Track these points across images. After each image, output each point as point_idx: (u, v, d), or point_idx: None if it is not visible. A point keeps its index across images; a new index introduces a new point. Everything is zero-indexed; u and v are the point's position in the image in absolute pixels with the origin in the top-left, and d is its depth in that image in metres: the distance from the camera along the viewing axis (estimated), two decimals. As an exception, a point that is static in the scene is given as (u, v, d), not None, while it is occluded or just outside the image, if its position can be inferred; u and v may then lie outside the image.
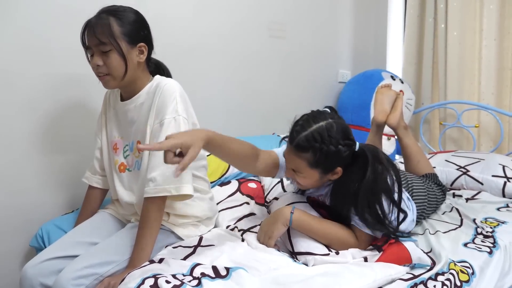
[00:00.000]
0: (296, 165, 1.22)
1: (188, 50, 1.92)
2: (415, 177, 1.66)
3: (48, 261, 1.16)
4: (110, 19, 1.17)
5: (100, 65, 1.17)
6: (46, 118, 1.51)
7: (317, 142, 1.17)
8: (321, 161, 1.18)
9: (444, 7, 2.59)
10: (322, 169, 1.21)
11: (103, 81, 1.21)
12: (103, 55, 1.17)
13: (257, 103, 2.26)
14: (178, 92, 1.21)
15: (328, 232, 1.22)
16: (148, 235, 1.15)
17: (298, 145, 1.18)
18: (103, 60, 1.17)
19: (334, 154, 1.18)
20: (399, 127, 1.80)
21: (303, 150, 1.18)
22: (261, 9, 2.23)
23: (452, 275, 1.13)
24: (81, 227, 1.31)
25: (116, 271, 1.13)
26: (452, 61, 2.55)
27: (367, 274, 1.05)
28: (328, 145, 1.17)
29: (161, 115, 1.19)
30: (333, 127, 1.19)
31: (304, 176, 1.23)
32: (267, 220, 1.27)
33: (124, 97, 1.30)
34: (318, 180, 1.25)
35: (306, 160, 1.19)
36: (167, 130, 1.16)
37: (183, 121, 1.19)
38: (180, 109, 1.19)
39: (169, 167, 1.15)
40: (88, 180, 1.41)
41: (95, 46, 1.17)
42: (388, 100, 1.83)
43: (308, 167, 1.20)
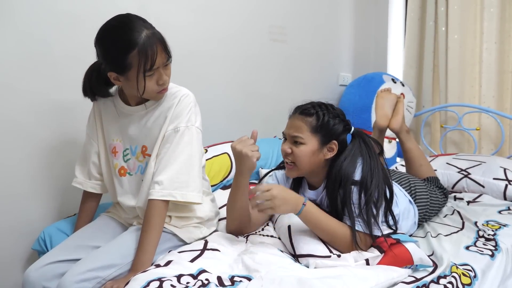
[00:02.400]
0: (298, 128, 1.29)
1: (189, 54, 1.92)
2: (417, 180, 1.67)
3: (51, 265, 1.16)
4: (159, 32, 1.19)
5: (167, 79, 1.20)
6: (48, 122, 1.52)
7: (321, 109, 1.30)
8: (323, 127, 1.28)
9: (444, 10, 2.59)
10: (321, 136, 1.29)
11: (164, 93, 1.24)
12: (165, 68, 1.19)
13: (258, 106, 2.26)
14: (194, 103, 1.27)
15: (333, 227, 1.22)
16: (151, 237, 1.15)
17: (303, 110, 1.31)
18: (167, 74, 1.20)
19: (333, 124, 1.30)
20: (401, 131, 1.80)
21: (308, 114, 1.30)
22: (262, 13, 2.24)
23: (454, 278, 1.13)
24: (84, 231, 1.31)
25: (118, 275, 1.13)
26: (452, 64, 2.55)
27: (369, 277, 1.05)
28: (330, 113, 1.30)
29: (176, 122, 1.23)
30: (332, 105, 1.36)
31: (304, 142, 1.28)
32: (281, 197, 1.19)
33: (131, 102, 1.29)
34: (316, 151, 1.29)
35: (309, 124, 1.28)
36: (181, 138, 1.21)
37: (196, 131, 1.24)
38: (193, 119, 1.25)
39: (177, 173, 1.19)
40: (83, 185, 1.38)
41: (163, 64, 1.17)
42: (389, 104, 1.84)
43: (310, 132, 1.28)
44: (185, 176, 1.19)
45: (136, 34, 1.10)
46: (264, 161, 1.82)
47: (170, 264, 1.11)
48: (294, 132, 1.30)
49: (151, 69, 1.13)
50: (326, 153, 1.31)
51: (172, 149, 1.21)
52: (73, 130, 1.57)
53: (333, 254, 1.19)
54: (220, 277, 1.07)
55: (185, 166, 1.20)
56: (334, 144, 1.31)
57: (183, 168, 1.19)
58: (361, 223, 1.21)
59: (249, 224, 1.37)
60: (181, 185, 1.18)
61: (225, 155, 1.70)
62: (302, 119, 1.30)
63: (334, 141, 1.30)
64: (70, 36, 1.53)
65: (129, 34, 1.10)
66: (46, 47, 1.49)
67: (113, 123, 1.33)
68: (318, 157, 1.30)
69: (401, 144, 1.84)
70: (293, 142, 1.31)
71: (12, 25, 1.41)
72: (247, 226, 1.37)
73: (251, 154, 1.23)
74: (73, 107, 1.57)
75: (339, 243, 1.22)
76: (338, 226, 1.23)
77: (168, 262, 1.12)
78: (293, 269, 1.13)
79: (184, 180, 1.19)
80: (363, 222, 1.21)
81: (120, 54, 1.11)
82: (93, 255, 1.16)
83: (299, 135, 1.29)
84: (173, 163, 1.19)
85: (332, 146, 1.31)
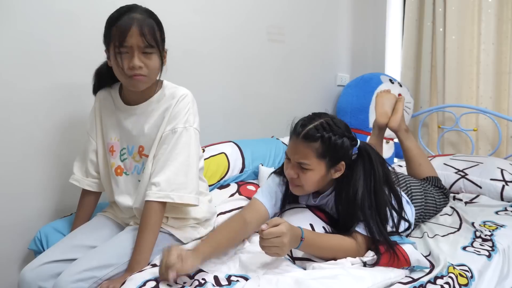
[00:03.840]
0: (304, 156, 1.22)
1: (188, 54, 1.92)
2: (413, 181, 1.67)
3: (47, 265, 1.15)
4: (153, 23, 1.18)
5: (142, 66, 1.16)
6: (45, 122, 1.51)
7: (326, 131, 1.21)
8: (329, 151, 1.21)
9: (442, 11, 2.60)
10: (329, 160, 1.23)
11: (138, 81, 1.17)
12: (145, 56, 1.16)
13: (256, 106, 2.26)
14: (192, 104, 1.26)
15: (333, 244, 1.20)
16: (147, 238, 1.15)
17: (307, 134, 1.21)
18: (143, 61, 1.16)
19: (340, 145, 1.22)
20: (400, 129, 1.81)
21: (313, 139, 1.21)
22: (260, 13, 2.24)
23: (451, 278, 1.13)
24: (80, 230, 1.30)
25: (115, 275, 1.13)
26: (450, 65, 2.56)
27: (366, 277, 1.05)
28: (336, 134, 1.22)
29: (174, 123, 1.22)
30: (336, 121, 1.27)
31: (311, 168, 1.22)
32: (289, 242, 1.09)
33: (130, 101, 1.28)
34: (324, 175, 1.25)
35: (315, 150, 1.21)
36: (179, 139, 1.20)
37: (194, 132, 1.23)
38: (192, 120, 1.24)
39: (175, 174, 1.18)
40: (80, 182, 1.37)
41: (138, 47, 1.15)
42: (389, 103, 1.85)
43: (316, 158, 1.21)
44: (182, 178, 1.18)
45: (123, 12, 1.15)
46: (262, 160, 1.82)
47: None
48: (299, 159, 1.23)
49: (121, 45, 1.14)
50: (334, 173, 1.27)
51: (170, 150, 1.20)
52: (70, 129, 1.56)
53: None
54: (217, 277, 1.07)
55: (182, 168, 1.19)
56: (342, 165, 1.26)
57: (180, 170, 1.18)
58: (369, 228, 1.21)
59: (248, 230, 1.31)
60: (179, 186, 1.17)
61: (223, 155, 1.70)
62: (307, 145, 1.22)
63: (342, 162, 1.25)
64: (69, 34, 1.52)
65: (118, 12, 1.17)
66: (44, 46, 1.48)
67: (111, 122, 1.33)
68: (326, 179, 1.28)
69: (400, 143, 1.85)
70: (299, 167, 1.25)
71: (10, 23, 1.40)
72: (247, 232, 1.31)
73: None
74: (70, 106, 1.56)
75: (340, 256, 1.19)
76: (338, 244, 1.20)
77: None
78: (290, 270, 1.13)
79: (181, 181, 1.18)
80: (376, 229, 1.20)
81: (106, 28, 1.18)
82: (89, 255, 1.15)
83: (305, 161, 1.22)
84: (170, 165, 1.18)
85: (339, 167, 1.26)
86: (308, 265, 1.17)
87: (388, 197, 1.25)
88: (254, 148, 1.82)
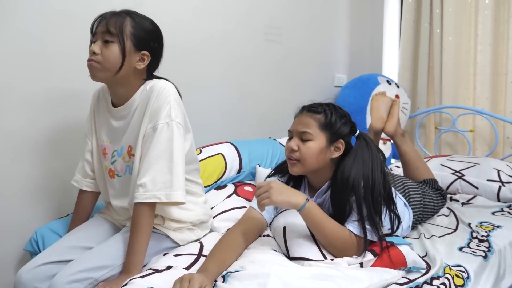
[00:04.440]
0: (306, 124, 1.29)
1: (185, 54, 1.92)
2: (411, 182, 1.67)
3: (43, 266, 1.15)
4: (126, 18, 1.19)
5: (97, 52, 1.17)
6: (42, 122, 1.51)
7: (329, 108, 1.32)
8: (331, 125, 1.29)
9: (439, 12, 2.60)
10: (329, 134, 1.29)
11: (90, 66, 1.18)
12: (104, 44, 1.17)
13: (253, 106, 2.26)
14: (173, 96, 1.21)
15: (333, 228, 1.20)
16: (140, 240, 1.14)
17: (312, 107, 1.33)
18: (101, 49, 1.17)
19: (341, 124, 1.30)
20: (396, 134, 1.81)
21: (316, 112, 1.31)
22: (258, 14, 2.24)
23: (447, 279, 1.13)
24: (76, 232, 1.30)
25: (110, 276, 1.13)
26: (447, 66, 2.56)
27: (361, 278, 1.04)
28: (338, 113, 1.32)
29: (154, 120, 1.18)
30: (339, 106, 1.37)
31: (312, 139, 1.28)
32: (279, 188, 1.18)
33: (115, 103, 1.28)
34: (323, 149, 1.28)
35: (318, 121, 1.29)
36: (160, 136, 1.17)
37: (176, 126, 1.18)
38: (173, 114, 1.18)
39: (160, 173, 1.15)
40: (78, 183, 1.38)
41: (101, 33, 1.17)
42: (384, 106, 1.84)
43: (318, 128, 1.29)
44: (167, 176, 1.15)
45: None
46: (259, 161, 1.82)
47: (167, 270, 1.10)
48: (302, 128, 1.29)
49: (92, 33, 1.21)
50: (333, 152, 1.30)
51: (152, 148, 1.16)
52: (67, 130, 1.56)
53: (327, 258, 1.18)
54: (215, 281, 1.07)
55: (167, 166, 1.16)
56: (341, 143, 1.30)
57: (165, 168, 1.15)
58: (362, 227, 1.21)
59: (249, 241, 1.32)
60: (165, 185, 1.14)
61: (220, 156, 1.70)
62: (310, 115, 1.30)
63: (341, 140, 1.30)
64: (66, 34, 1.52)
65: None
66: (41, 45, 1.48)
67: (103, 123, 1.32)
68: (325, 155, 1.30)
69: (396, 147, 1.84)
70: (300, 138, 1.30)
71: (8, 23, 1.40)
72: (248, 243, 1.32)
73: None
74: (66, 107, 1.56)
75: (336, 247, 1.21)
76: (337, 229, 1.21)
77: (164, 267, 1.11)
78: (285, 265, 1.13)
79: (167, 180, 1.15)
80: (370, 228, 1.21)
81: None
82: (85, 256, 1.15)
83: (308, 130, 1.28)
84: (155, 164, 1.15)
85: (339, 145, 1.30)
86: (305, 264, 1.17)
87: (383, 189, 1.25)
88: (251, 148, 1.82)
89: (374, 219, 1.21)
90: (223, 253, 1.18)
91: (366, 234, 1.20)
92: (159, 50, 1.27)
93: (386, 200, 1.27)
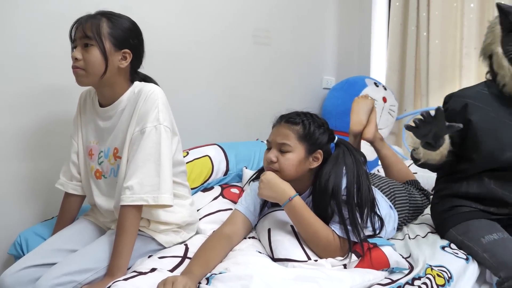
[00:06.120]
0: (285, 137, 1.29)
1: (173, 57, 1.92)
2: (397, 184, 1.69)
3: (27, 269, 1.14)
4: (102, 19, 1.19)
5: (79, 58, 1.17)
6: (24, 124, 1.50)
7: (307, 118, 1.33)
8: (309, 136, 1.30)
9: (426, 15, 2.64)
10: (308, 145, 1.29)
11: (75, 73, 1.19)
12: (84, 49, 1.18)
13: (242, 109, 2.27)
14: (161, 100, 1.21)
15: (317, 226, 1.22)
16: (126, 242, 1.14)
17: (289, 118, 1.33)
18: (83, 54, 1.18)
19: (319, 134, 1.31)
20: (375, 140, 1.83)
21: (294, 123, 1.31)
22: (246, 16, 2.25)
23: (429, 279, 1.15)
24: (61, 234, 1.29)
25: (95, 279, 1.12)
26: (433, 69, 2.60)
27: (344, 279, 1.05)
28: (315, 122, 1.32)
29: (142, 123, 1.19)
30: (316, 115, 1.38)
31: (291, 150, 1.28)
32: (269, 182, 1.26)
33: (102, 103, 1.29)
34: (302, 160, 1.29)
35: (295, 132, 1.30)
36: (148, 139, 1.17)
37: (164, 130, 1.19)
38: (161, 118, 1.19)
39: (147, 176, 1.16)
40: (64, 186, 1.37)
41: (79, 39, 1.18)
42: (364, 110, 1.86)
43: (296, 140, 1.29)
44: (155, 179, 1.16)
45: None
46: (246, 163, 1.82)
47: (151, 272, 1.10)
48: (281, 140, 1.30)
49: (71, 41, 1.22)
50: (312, 162, 1.31)
51: (140, 151, 1.17)
52: (52, 132, 1.55)
53: (311, 259, 1.19)
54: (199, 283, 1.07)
55: (154, 169, 1.16)
56: (319, 153, 1.31)
57: (152, 171, 1.16)
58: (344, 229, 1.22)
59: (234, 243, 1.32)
60: (152, 188, 1.15)
61: (207, 158, 1.70)
62: (288, 127, 1.31)
63: (319, 150, 1.31)
64: (53, 37, 1.51)
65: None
66: (26, 46, 1.47)
67: (90, 124, 1.32)
68: (303, 166, 1.31)
69: (377, 152, 1.87)
70: (279, 150, 1.30)
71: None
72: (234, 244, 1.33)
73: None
74: (52, 109, 1.55)
75: (319, 245, 1.22)
76: (322, 227, 1.23)
77: (148, 270, 1.11)
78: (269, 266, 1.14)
79: (154, 182, 1.16)
80: (352, 229, 1.22)
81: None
82: (69, 259, 1.15)
83: (286, 142, 1.28)
84: (142, 167, 1.16)
85: (317, 155, 1.31)
86: (290, 265, 1.18)
87: (368, 192, 1.28)
88: (238, 150, 1.82)
89: (356, 221, 1.22)
90: (208, 255, 1.18)
91: (349, 236, 1.21)
92: (140, 47, 1.27)
93: (370, 201, 1.28)
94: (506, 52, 1.38)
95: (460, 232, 1.41)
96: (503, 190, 1.40)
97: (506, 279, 1.20)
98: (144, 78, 1.34)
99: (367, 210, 1.27)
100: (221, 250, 1.23)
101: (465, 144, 1.45)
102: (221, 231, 1.30)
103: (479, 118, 1.41)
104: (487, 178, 1.42)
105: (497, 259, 1.25)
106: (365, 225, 1.27)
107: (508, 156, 1.37)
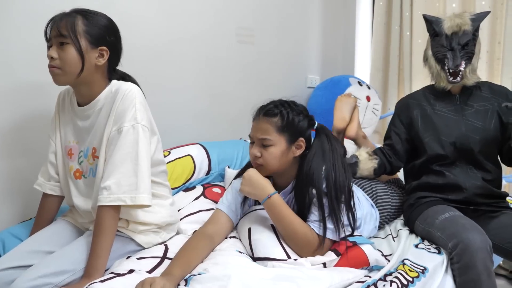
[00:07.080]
0: (265, 131, 1.30)
1: (156, 54, 1.90)
2: (379, 183, 1.70)
3: (3, 271, 1.12)
4: (77, 17, 1.18)
5: (55, 57, 1.16)
6: (3, 123, 1.47)
7: (284, 108, 1.32)
8: (288, 125, 1.31)
9: (409, 15, 2.66)
10: (288, 135, 1.31)
11: (52, 72, 1.18)
12: (59, 48, 1.16)
13: (225, 108, 2.26)
14: (138, 99, 1.20)
15: (296, 223, 1.24)
16: (103, 243, 1.13)
17: (267, 111, 1.33)
18: (58, 53, 1.16)
19: (298, 121, 1.32)
20: (358, 137, 1.86)
21: (272, 115, 1.31)
22: (229, 14, 2.24)
23: (400, 273, 1.17)
24: (38, 236, 1.27)
25: (72, 281, 1.11)
26: (417, 68, 2.62)
27: (322, 278, 1.06)
28: (293, 111, 1.33)
29: (119, 122, 1.18)
30: (294, 102, 1.39)
31: (273, 144, 1.29)
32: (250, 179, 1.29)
33: (80, 102, 1.27)
34: (284, 151, 1.30)
35: (275, 125, 1.30)
36: (125, 138, 1.16)
37: (142, 129, 1.18)
38: (139, 117, 1.18)
39: (125, 176, 1.15)
40: (42, 187, 1.35)
41: (54, 38, 1.17)
42: (347, 107, 1.89)
43: (276, 132, 1.30)
44: (133, 179, 1.15)
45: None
46: (229, 162, 1.82)
47: (129, 274, 1.09)
48: (261, 135, 1.31)
49: (47, 40, 1.20)
50: (295, 150, 1.33)
51: (117, 151, 1.15)
52: (29, 131, 1.52)
53: (290, 258, 1.20)
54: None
55: (132, 168, 1.15)
56: (301, 141, 1.33)
57: (130, 170, 1.15)
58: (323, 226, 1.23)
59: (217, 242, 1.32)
60: (130, 188, 1.14)
61: (189, 157, 1.69)
62: (267, 120, 1.31)
63: (301, 138, 1.33)
64: (30, 34, 1.48)
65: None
66: (6, 45, 1.44)
67: (69, 124, 1.31)
68: (287, 156, 1.32)
69: None
70: (261, 145, 1.31)
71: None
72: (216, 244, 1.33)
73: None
74: (30, 107, 1.52)
75: (297, 243, 1.23)
76: (300, 225, 1.24)
77: (126, 271, 1.10)
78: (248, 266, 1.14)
79: (132, 182, 1.15)
80: (332, 225, 1.23)
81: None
82: (45, 261, 1.13)
83: (266, 137, 1.30)
84: (119, 166, 1.15)
85: (299, 143, 1.33)
86: (269, 264, 1.18)
87: (344, 180, 1.29)
88: (220, 150, 1.82)
89: (336, 216, 1.23)
90: (189, 255, 1.18)
91: (326, 232, 1.22)
92: (117, 44, 1.26)
93: (347, 191, 1.29)
94: (434, 53, 1.59)
95: (421, 221, 1.49)
96: (454, 176, 1.53)
97: (454, 248, 1.26)
98: (123, 76, 1.32)
99: (344, 198, 1.28)
100: (202, 250, 1.23)
101: (413, 141, 1.64)
102: (203, 231, 1.30)
103: (419, 114, 1.63)
104: (439, 167, 1.56)
105: (446, 232, 1.33)
106: (343, 222, 1.28)
107: (447, 143, 1.53)
